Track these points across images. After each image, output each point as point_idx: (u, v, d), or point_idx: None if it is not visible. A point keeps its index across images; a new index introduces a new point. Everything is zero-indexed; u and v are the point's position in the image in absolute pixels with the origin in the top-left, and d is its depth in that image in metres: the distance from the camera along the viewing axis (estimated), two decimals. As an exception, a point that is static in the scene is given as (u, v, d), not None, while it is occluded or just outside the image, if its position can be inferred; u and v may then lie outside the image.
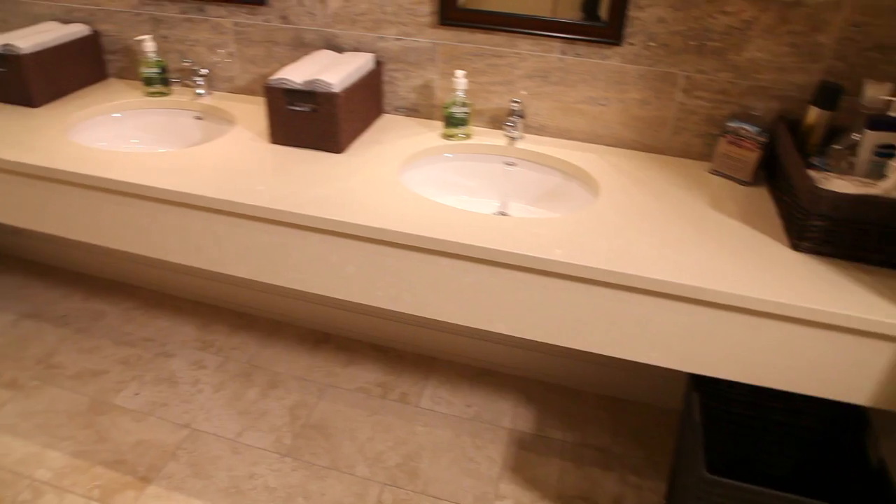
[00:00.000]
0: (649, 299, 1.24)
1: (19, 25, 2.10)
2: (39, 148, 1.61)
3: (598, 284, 1.25)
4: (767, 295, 1.16)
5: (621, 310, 1.26)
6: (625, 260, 1.24)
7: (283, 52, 1.84)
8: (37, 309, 2.43)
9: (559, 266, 1.24)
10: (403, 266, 1.35)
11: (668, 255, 1.26)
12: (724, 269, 1.23)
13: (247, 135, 1.68)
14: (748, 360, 1.25)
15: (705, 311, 1.22)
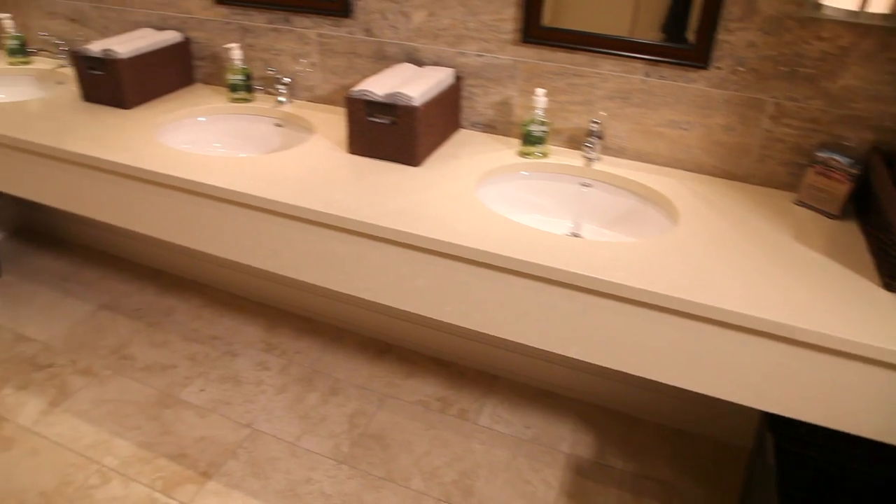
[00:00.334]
0: (727, 332, 1.19)
1: (118, 31, 2.20)
2: (129, 148, 1.68)
3: (674, 314, 1.21)
4: (856, 336, 1.11)
5: (697, 341, 1.22)
6: (703, 290, 1.20)
7: (364, 64, 1.87)
8: (114, 301, 2.53)
9: (634, 292, 1.21)
10: (475, 283, 1.35)
11: (749, 288, 1.21)
12: (809, 306, 1.17)
13: (325, 144, 1.71)
14: (831, 403, 1.19)
15: (787, 348, 1.16)
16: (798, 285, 1.23)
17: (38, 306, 2.51)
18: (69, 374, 2.18)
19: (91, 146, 1.69)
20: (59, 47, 2.28)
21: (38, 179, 1.85)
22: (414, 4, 1.73)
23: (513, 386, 2.15)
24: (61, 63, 2.31)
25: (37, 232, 2.98)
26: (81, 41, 2.29)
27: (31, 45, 2.40)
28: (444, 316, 1.42)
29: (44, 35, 2.35)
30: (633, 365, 1.30)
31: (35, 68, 2.31)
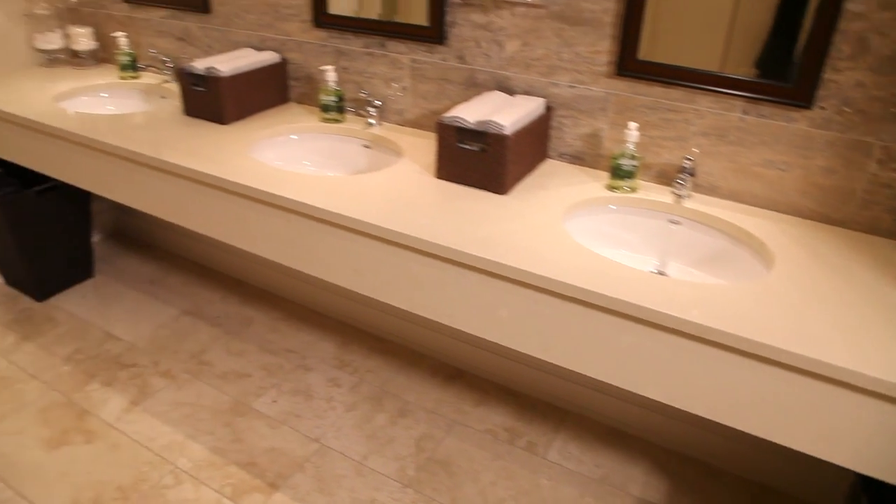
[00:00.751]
0: (824, 386, 1.13)
1: (221, 50, 2.30)
2: (223, 162, 1.75)
3: (765, 362, 1.16)
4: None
5: (788, 392, 1.16)
6: (800, 340, 1.14)
7: (454, 90, 1.89)
8: (197, 307, 2.62)
9: (723, 336, 1.16)
10: (559, 316, 1.32)
11: (850, 341, 1.15)
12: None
13: (413, 168, 1.73)
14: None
15: (891, 408, 1.09)
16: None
17: (127, 307, 2.62)
18: (151, 374, 2.26)
19: (187, 158, 1.77)
20: (166, 64, 2.40)
21: (135, 186, 1.95)
22: (508, 34, 1.74)
23: (584, 422, 2.10)
24: (166, 79, 2.43)
25: (130, 236, 3.13)
26: (186, 59, 2.41)
27: (140, 61, 2.54)
28: (524, 347, 1.40)
29: (153, 52, 2.49)
30: (715, 411, 1.25)
31: (142, 83, 2.45)
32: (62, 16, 2.65)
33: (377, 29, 1.92)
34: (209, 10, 2.27)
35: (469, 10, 1.78)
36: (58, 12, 2.64)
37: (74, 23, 2.63)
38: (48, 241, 2.60)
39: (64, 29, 2.64)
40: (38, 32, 2.60)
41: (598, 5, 1.61)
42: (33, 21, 2.60)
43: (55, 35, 2.62)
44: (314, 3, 2.00)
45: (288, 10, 2.08)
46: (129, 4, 2.50)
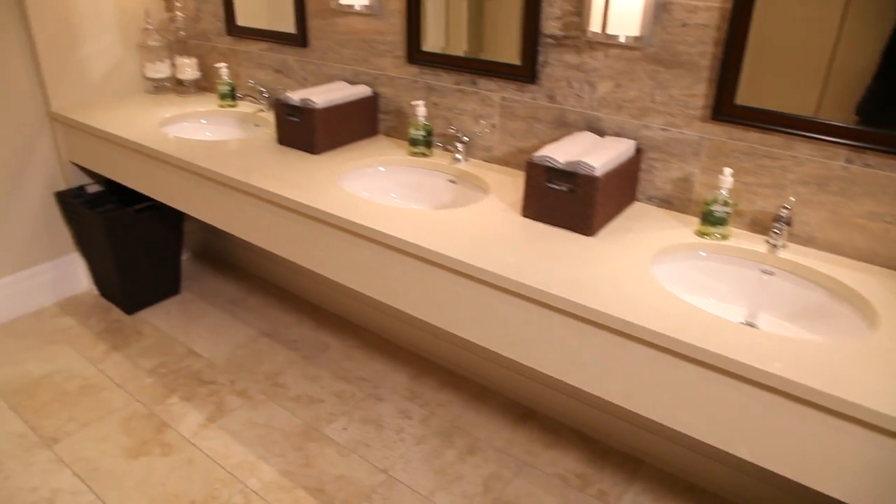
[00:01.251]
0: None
1: (316, 83, 2.39)
2: (312, 190, 1.79)
3: (872, 429, 1.09)
4: None
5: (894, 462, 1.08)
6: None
7: (543, 129, 1.89)
8: (274, 329, 2.68)
9: (823, 398, 1.10)
10: (643, 363, 1.29)
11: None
12: None
13: (499, 205, 1.73)
14: None
15: None
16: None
17: (208, 325, 2.71)
18: (227, 393, 2.32)
19: (277, 184, 1.83)
20: (263, 94, 2.51)
21: (225, 209, 2.03)
22: (601, 75, 1.74)
23: (660, 475, 2.02)
24: (261, 108, 2.54)
25: (215, 256, 3.25)
26: (282, 90, 2.51)
27: (239, 90, 2.66)
28: (607, 394, 1.36)
29: (251, 83, 2.61)
30: (806, 474, 1.17)
31: (239, 111, 2.56)
32: (171, 47, 2.82)
33: (469, 66, 1.95)
34: (307, 44, 2.36)
35: (562, 50, 1.78)
36: (168, 44, 2.81)
37: (181, 54, 2.79)
38: (142, 258, 2.72)
39: (172, 59, 2.81)
40: (149, 62, 2.77)
41: (695, 49, 1.59)
42: (145, 51, 2.77)
43: (164, 65, 2.78)
44: (408, 41, 2.05)
45: (383, 46, 2.15)
46: (233, 38, 2.63)
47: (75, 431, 2.14)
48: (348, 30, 2.22)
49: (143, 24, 2.76)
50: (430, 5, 1.99)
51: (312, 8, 2.30)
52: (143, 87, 2.86)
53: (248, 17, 2.54)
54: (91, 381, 2.37)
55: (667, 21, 1.61)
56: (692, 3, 1.56)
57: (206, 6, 2.69)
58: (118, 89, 2.78)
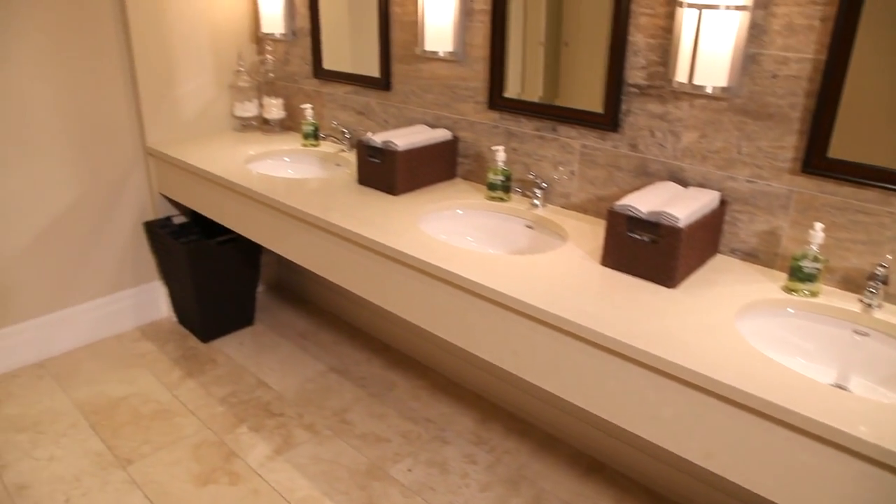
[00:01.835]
0: None
1: (396, 125, 2.45)
2: (391, 231, 1.82)
3: None
4: None
5: None
6: None
7: (623, 178, 1.88)
8: (343, 365, 2.71)
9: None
10: (729, 423, 1.23)
11: None
12: None
13: (577, 252, 1.72)
14: None
15: None
16: None
17: (279, 357, 2.76)
18: (295, 426, 2.35)
19: (356, 223, 1.87)
20: (345, 135, 2.59)
21: (303, 245, 2.08)
22: (686, 125, 1.72)
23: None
24: (343, 148, 2.61)
25: (289, 290, 3.33)
26: (364, 131, 2.58)
27: (322, 130, 2.75)
28: (687, 452, 1.31)
29: (334, 124, 2.70)
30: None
31: (321, 151, 2.65)
32: (260, 88, 2.95)
33: (549, 113, 1.97)
34: (390, 88, 2.43)
35: (646, 99, 1.78)
36: (257, 85, 2.94)
37: (269, 94, 2.92)
38: (220, 288, 2.82)
39: (259, 99, 2.94)
40: (239, 101, 2.91)
41: (786, 100, 1.56)
42: (236, 91, 2.91)
43: (252, 104, 2.91)
44: (490, 87, 2.09)
45: (465, 91, 2.19)
46: (319, 80, 2.74)
47: (149, 454, 2.20)
48: (431, 75, 2.28)
49: (236, 67, 2.91)
50: (512, 52, 2.03)
51: (397, 54, 2.37)
52: (231, 125, 3.00)
53: (334, 61, 2.64)
54: (165, 405, 2.45)
55: (755, 72, 1.58)
56: (783, 55, 1.53)
57: (295, 50, 2.81)
58: (208, 127, 2.93)
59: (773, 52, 1.55)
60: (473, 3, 2.08)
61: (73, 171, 2.65)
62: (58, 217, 2.65)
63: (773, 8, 1.52)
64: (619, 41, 1.77)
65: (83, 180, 2.68)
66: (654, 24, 1.71)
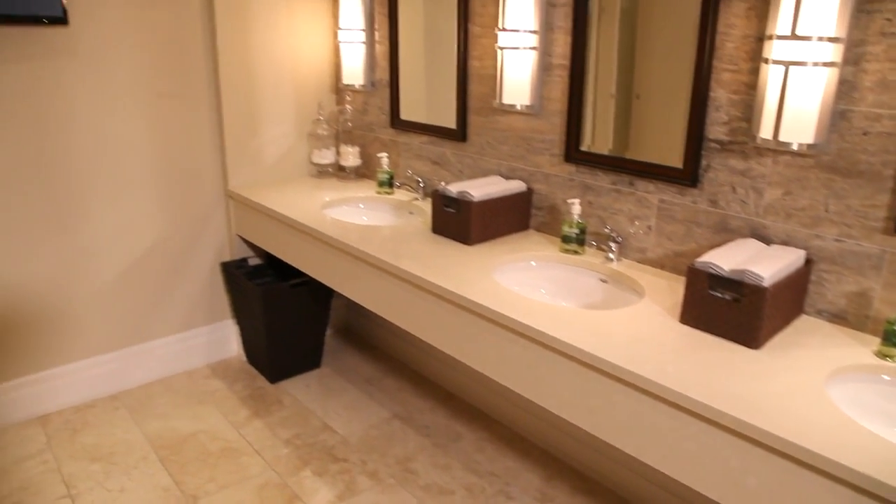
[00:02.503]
0: None
1: (471, 176, 2.49)
2: (466, 281, 1.83)
3: None
4: None
5: None
6: None
7: (702, 234, 1.84)
8: (408, 413, 2.70)
9: None
10: (820, 496, 1.16)
11: None
12: None
13: (655, 309, 1.68)
14: None
15: None
16: None
17: (345, 402, 2.77)
18: (358, 472, 2.34)
19: (430, 272, 1.89)
20: (419, 184, 2.64)
21: (375, 290, 2.11)
22: (769, 181, 1.68)
23: None
24: (416, 197, 2.66)
25: (356, 334, 3.37)
26: (438, 181, 2.63)
27: (397, 179, 2.81)
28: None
29: (409, 173, 2.75)
30: None
31: (395, 198, 2.70)
32: (338, 136, 3.06)
33: (626, 167, 1.96)
34: (466, 139, 2.48)
35: (727, 155, 1.75)
36: (335, 133, 3.05)
37: (346, 142, 3.01)
38: (290, 330, 2.87)
39: (337, 147, 3.03)
40: (317, 148, 3.01)
41: (878, 158, 1.50)
42: (314, 139, 3.02)
43: (329, 152, 3.01)
44: (567, 140, 2.10)
45: (541, 144, 2.21)
46: (395, 130, 2.81)
47: (214, 492, 2.22)
48: (507, 127, 2.31)
49: (316, 116, 3.02)
50: (590, 106, 2.04)
51: (474, 106, 2.42)
52: (309, 171, 3.10)
53: (411, 112, 2.71)
54: (232, 444, 2.48)
55: (845, 129, 1.54)
56: (875, 112, 1.49)
57: (373, 100, 2.91)
58: (286, 172, 3.03)
59: (864, 108, 1.51)
60: (552, 58, 2.12)
61: (160, 212, 2.78)
62: (142, 254, 2.78)
63: (863, 64, 1.49)
64: (700, 97, 1.76)
65: (168, 220, 2.81)
66: (737, 79, 1.70)
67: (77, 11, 2.40)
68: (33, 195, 2.47)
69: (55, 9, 2.30)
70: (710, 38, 1.71)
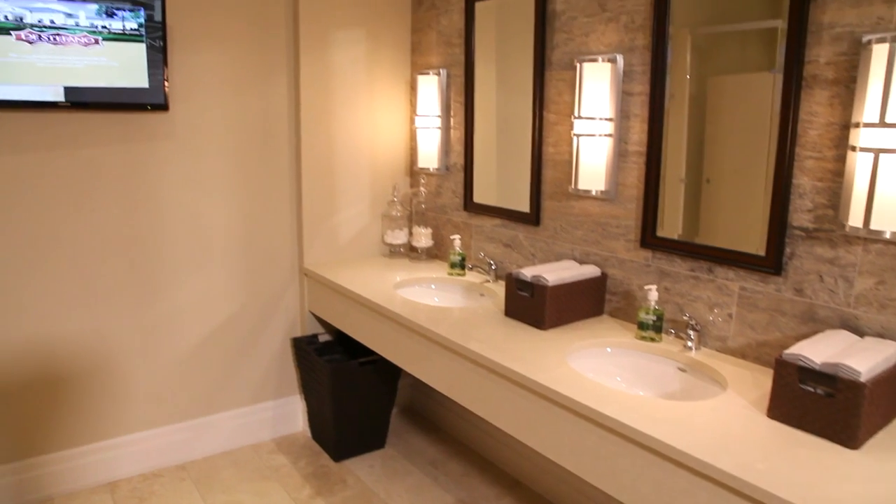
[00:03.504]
0: None
1: (543, 260, 2.49)
2: (540, 366, 1.80)
3: None
4: None
5: None
6: None
7: (788, 323, 1.77)
8: (472, 499, 2.62)
9: None
10: None
11: None
12: None
13: (740, 402, 1.61)
14: None
15: None
16: None
17: (408, 485, 2.72)
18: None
19: (503, 356, 1.86)
20: (490, 266, 2.65)
21: (444, 371, 2.10)
22: (860, 270, 1.62)
23: None
24: (488, 279, 2.67)
25: (422, 414, 3.33)
26: (510, 264, 2.64)
27: (468, 261, 2.84)
28: None
29: (481, 255, 2.78)
30: None
31: (466, 280, 2.72)
32: (410, 217, 3.13)
33: (706, 254, 1.92)
34: (539, 223, 2.49)
35: (813, 242, 1.70)
36: (408, 215, 3.13)
37: (419, 224, 3.08)
38: (357, 409, 2.86)
39: (409, 228, 3.10)
40: (390, 229, 3.09)
41: (980, 252, 1.43)
42: (387, 220, 3.10)
43: (402, 232, 3.08)
44: (643, 225, 2.09)
45: (616, 229, 2.20)
46: (468, 212, 2.86)
47: (276, 574, 2.18)
48: (582, 212, 2.32)
49: (390, 197, 3.11)
50: (666, 192, 2.03)
51: (548, 191, 2.45)
52: (381, 250, 3.17)
53: (485, 195, 2.76)
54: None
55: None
56: (974, 204, 1.43)
57: (447, 184, 2.98)
58: (359, 251, 3.11)
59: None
60: (627, 144, 2.14)
61: (237, 286, 2.88)
62: (217, 327, 2.86)
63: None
64: (783, 184, 1.73)
65: (244, 294, 2.90)
66: (822, 167, 1.67)
67: (177, 97, 2.59)
68: (121, 265, 2.60)
69: (158, 98, 2.49)
70: (792, 125, 1.70)
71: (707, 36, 1.94)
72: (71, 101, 2.33)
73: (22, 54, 2.22)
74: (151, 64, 2.45)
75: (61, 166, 2.43)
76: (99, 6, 2.32)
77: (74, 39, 2.31)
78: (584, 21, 2.23)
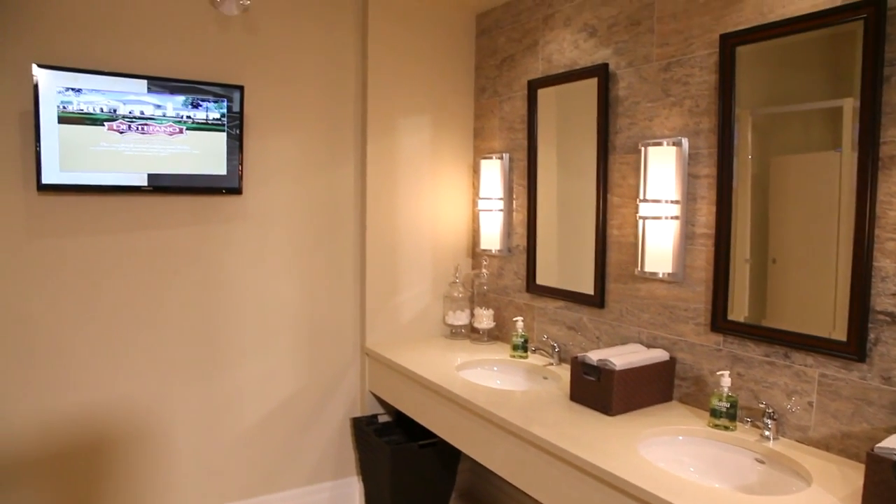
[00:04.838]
0: None
1: (608, 343, 2.44)
2: (610, 454, 1.74)
3: None
4: None
5: None
6: None
7: (876, 414, 1.67)
8: None
9: None
10: None
11: None
12: None
13: (828, 499, 1.50)
14: None
15: None
16: None
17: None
18: None
19: (571, 443, 1.81)
20: (554, 349, 2.62)
21: (504, 455, 2.06)
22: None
23: None
24: (551, 362, 2.63)
25: (480, 500, 3.22)
26: (573, 346, 2.59)
27: (531, 343, 2.80)
28: None
29: (544, 337, 2.74)
30: None
31: (529, 363, 2.68)
32: (472, 299, 3.14)
33: (781, 339, 1.85)
34: (604, 306, 2.46)
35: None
36: (469, 296, 3.14)
37: (481, 305, 3.08)
38: (416, 492, 2.80)
39: (471, 309, 3.10)
40: (451, 310, 3.09)
41: None
42: (449, 301, 3.12)
43: (463, 313, 3.08)
44: (713, 309, 2.03)
45: (684, 312, 2.15)
46: (531, 294, 2.85)
47: None
48: (648, 295, 2.28)
49: (452, 278, 3.13)
50: (734, 274, 1.99)
51: (613, 273, 2.42)
52: (442, 331, 3.17)
53: (548, 277, 2.75)
54: None
55: None
56: None
57: (509, 266, 2.99)
58: (420, 331, 3.12)
59: None
60: (694, 227, 2.11)
61: (299, 365, 2.91)
62: (278, 405, 2.87)
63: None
64: (863, 267, 1.67)
65: (306, 373, 2.93)
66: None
67: (249, 182, 2.72)
68: (190, 341, 2.67)
69: (234, 182, 2.62)
70: (870, 207, 1.66)
71: (768, 116, 1.95)
72: (153, 185, 2.47)
73: (112, 143, 2.39)
74: (230, 151, 2.60)
75: (140, 245, 2.55)
76: (186, 98, 2.49)
77: (161, 129, 2.47)
78: (647, 106, 2.27)
